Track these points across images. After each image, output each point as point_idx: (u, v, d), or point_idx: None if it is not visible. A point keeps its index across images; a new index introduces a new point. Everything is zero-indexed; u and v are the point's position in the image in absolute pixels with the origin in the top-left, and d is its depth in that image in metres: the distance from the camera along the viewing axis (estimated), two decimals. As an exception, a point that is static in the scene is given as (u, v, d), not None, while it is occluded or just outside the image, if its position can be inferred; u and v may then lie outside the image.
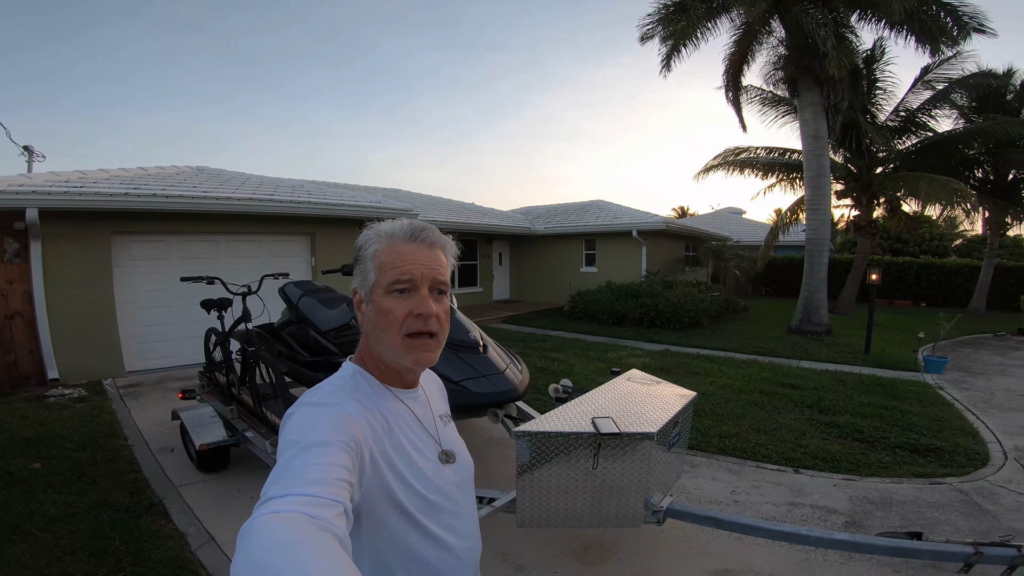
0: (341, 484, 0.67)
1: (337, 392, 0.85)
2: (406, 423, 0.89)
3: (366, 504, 0.78)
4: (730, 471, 3.95)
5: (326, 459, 0.69)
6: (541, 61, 70.09)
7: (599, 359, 7.89)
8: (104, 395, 6.03)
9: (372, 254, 0.87)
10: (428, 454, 0.90)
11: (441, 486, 0.89)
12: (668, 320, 10.88)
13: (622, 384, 2.88)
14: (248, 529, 0.55)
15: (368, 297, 0.87)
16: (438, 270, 0.88)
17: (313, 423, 0.76)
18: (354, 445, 0.75)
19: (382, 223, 0.92)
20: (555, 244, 15.72)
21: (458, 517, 0.92)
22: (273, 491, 0.62)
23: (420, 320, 0.85)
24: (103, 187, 6.57)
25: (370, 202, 8.95)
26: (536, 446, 2.06)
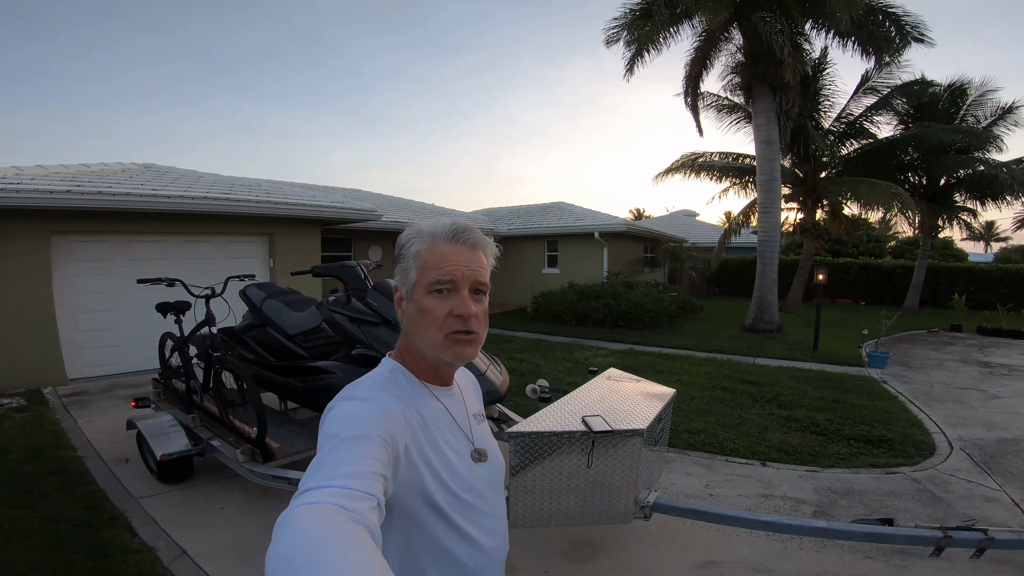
0: (376, 477, 0.68)
1: (376, 387, 0.86)
2: (442, 420, 0.91)
3: (399, 498, 0.79)
4: (702, 466, 4.07)
5: (363, 452, 0.70)
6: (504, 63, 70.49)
7: (565, 359, 7.97)
8: (46, 404, 5.62)
9: (414, 253, 0.88)
10: (462, 452, 0.91)
11: (474, 484, 0.90)
12: (630, 320, 11.10)
13: (603, 383, 2.92)
14: (283, 520, 0.57)
15: (410, 296, 0.88)
16: (479, 271, 0.89)
17: (352, 417, 0.77)
18: (390, 440, 0.76)
19: (423, 222, 0.92)
20: (518, 245, 15.79)
21: (489, 516, 0.93)
22: (310, 482, 0.64)
23: (460, 320, 0.86)
24: (41, 184, 6.12)
25: (331, 202, 8.72)
26: (528, 446, 2.06)
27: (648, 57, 10.83)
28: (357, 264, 3.84)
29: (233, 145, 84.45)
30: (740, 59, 10.97)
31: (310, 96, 79.91)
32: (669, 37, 10.69)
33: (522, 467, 2.07)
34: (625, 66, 11.12)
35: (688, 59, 11.44)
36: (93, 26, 37.70)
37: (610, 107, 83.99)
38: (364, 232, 11.88)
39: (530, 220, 16.12)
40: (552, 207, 17.42)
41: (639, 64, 10.98)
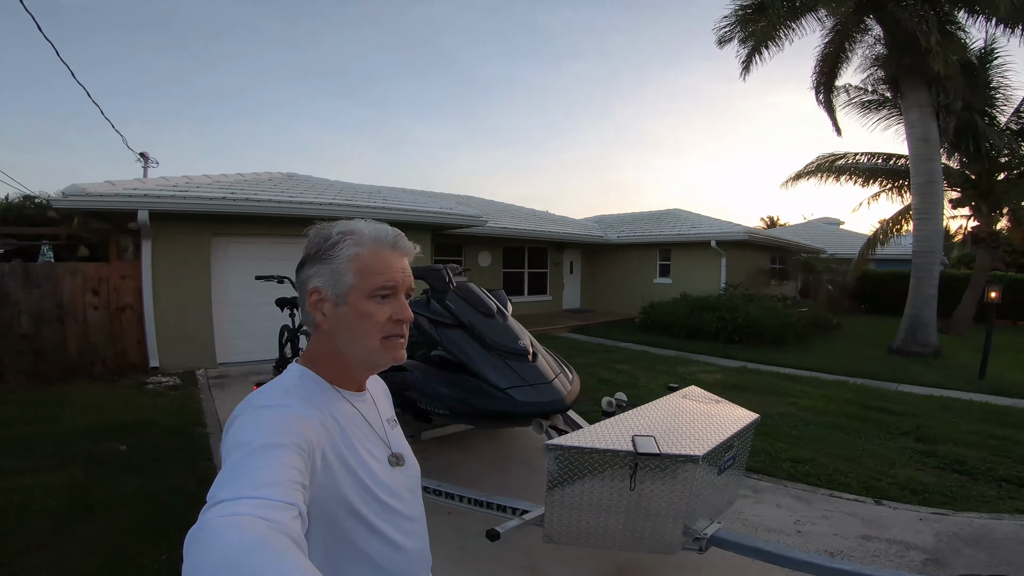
0: (295, 486, 0.65)
1: (287, 393, 0.83)
2: (357, 425, 0.89)
3: (317, 506, 0.76)
4: (799, 499, 3.59)
5: (278, 461, 0.67)
6: (616, 69, 69.16)
7: (668, 373, 7.52)
8: (195, 384, 6.57)
9: (350, 256, 0.86)
10: (379, 456, 0.90)
11: (393, 488, 0.89)
12: (748, 335, 10.20)
13: (676, 401, 2.68)
14: (199, 534, 0.53)
15: (343, 299, 0.86)
16: (411, 277, 0.92)
17: (263, 425, 0.74)
18: (306, 447, 0.73)
19: (354, 224, 0.91)
20: (628, 254, 15.31)
21: (410, 519, 0.92)
22: (223, 494, 0.60)
23: (399, 325, 0.88)
24: (204, 191, 7.20)
25: (441, 208, 9.16)
26: (568, 461, 1.94)
27: (767, 54, 9.90)
28: (444, 268, 3.97)
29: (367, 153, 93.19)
30: (881, 51, 9.59)
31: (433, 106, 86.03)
32: (791, 31, 9.67)
33: (560, 482, 1.96)
34: (741, 65, 10.28)
35: (818, 54, 10.27)
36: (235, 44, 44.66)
37: (733, 110, 78.25)
38: (473, 237, 12.31)
39: (642, 227, 15.55)
40: (666, 214, 16.64)
41: (756, 63, 10.08)
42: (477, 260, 13.18)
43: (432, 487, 2.60)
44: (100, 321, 7.11)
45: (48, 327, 6.81)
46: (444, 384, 3.15)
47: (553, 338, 10.93)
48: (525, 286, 14.64)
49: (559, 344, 9.99)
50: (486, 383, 3.07)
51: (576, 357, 8.51)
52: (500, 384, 3.03)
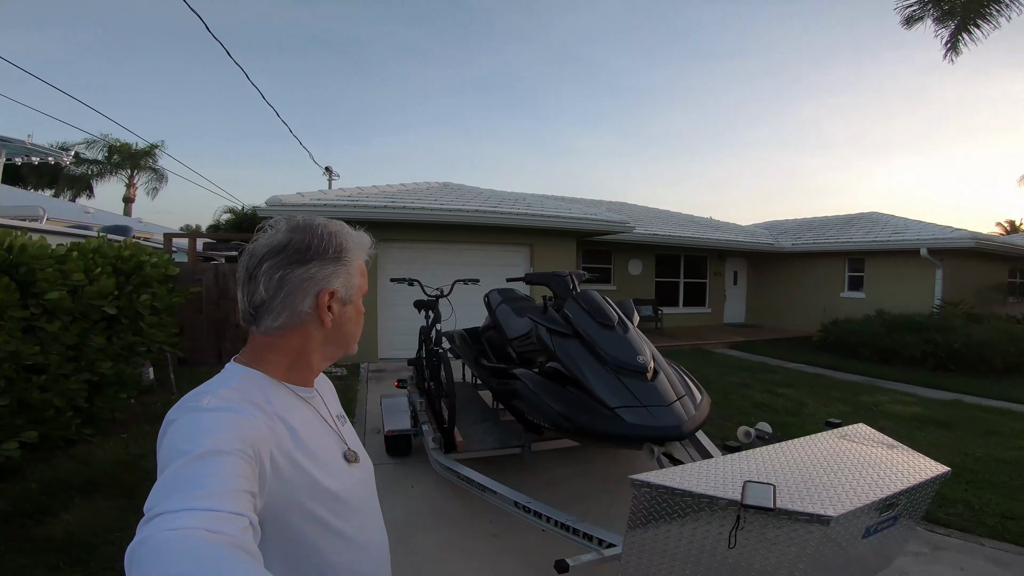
0: (243, 495, 0.61)
1: (229, 395, 0.76)
2: (310, 423, 0.85)
3: (271, 512, 0.72)
4: (995, 561, 2.77)
5: (224, 469, 0.62)
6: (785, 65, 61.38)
7: (846, 401, 6.28)
8: (357, 376, 7.30)
9: (359, 261, 0.90)
10: (333, 453, 0.88)
11: (350, 485, 0.87)
12: (968, 362, 8.14)
13: (830, 441, 2.10)
14: (144, 548, 0.49)
15: (348, 299, 0.88)
16: None
17: (204, 430, 0.68)
18: (253, 453, 0.68)
19: (350, 229, 0.92)
20: (807, 263, 13.34)
21: (368, 516, 0.91)
22: (163, 506, 0.54)
23: None
24: (370, 201, 8.04)
25: (585, 214, 8.95)
26: (654, 501, 1.60)
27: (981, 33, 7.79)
28: (569, 274, 3.79)
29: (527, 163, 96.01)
30: None
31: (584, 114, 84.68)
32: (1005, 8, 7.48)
33: (644, 522, 1.62)
34: (945, 45, 8.24)
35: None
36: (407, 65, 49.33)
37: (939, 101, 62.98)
38: (623, 245, 11.81)
39: (825, 234, 13.41)
40: (858, 218, 14.12)
41: (966, 42, 8.00)
42: (627, 268, 12.65)
43: (521, 502, 2.41)
44: (294, 314, 8.32)
45: (257, 318, 8.19)
46: (550, 397, 2.97)
47: (708, 353, 9.95)
48: (680, 297, 13.64)
49: (713, 361, 9.04)
50: (594, 400, 2.81)
51: (729, 376, 7.60)
52: (609, 402, 2.74)
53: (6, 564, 2.35)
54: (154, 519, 0.53)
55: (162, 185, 21.97)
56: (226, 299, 8.03)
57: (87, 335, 3.97)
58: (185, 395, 0.77)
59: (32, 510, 2.83)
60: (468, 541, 2.88)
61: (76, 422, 3.77)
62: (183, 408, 0.73)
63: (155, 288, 5.07)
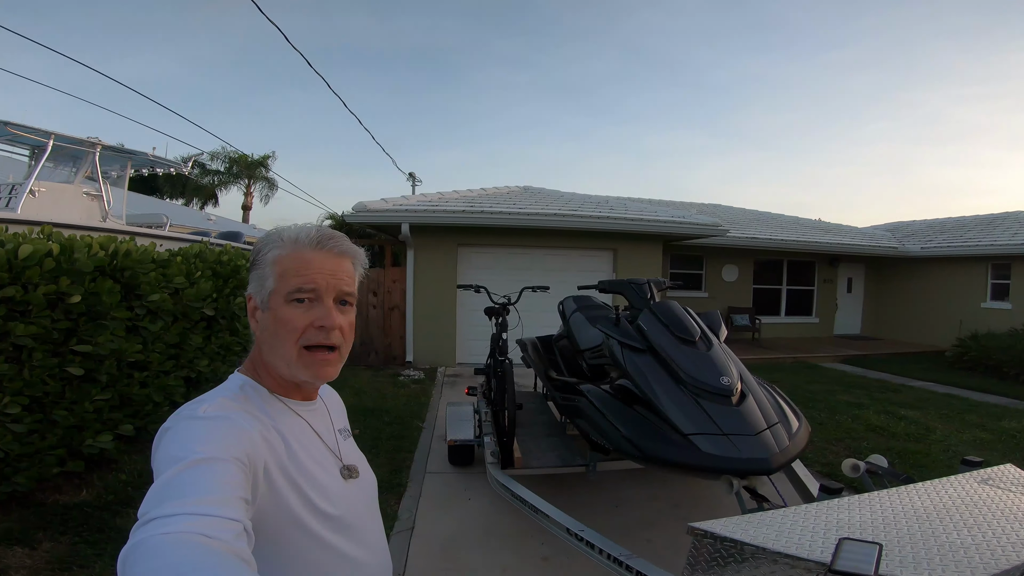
0: (237, 501, 0.61)
1: (226, 404, 0.77)
2: (305, 437, 0.84)
3: (265, 526, 0.71)
4: None
5: (218, 476, 0.62)
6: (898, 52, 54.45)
7: (984, 427, 5.30)
8: (434, 379, 7.37)
9: (273, 259, 0.82)
10: (330, 469, 0.85)
11: (346, 502, 0.84)
12: None
13: (967, 485, 1.66)
14: (135, 553, 0.49)
15: (265, 304, 0.81)
16: (345, 280, 0.84)
17: (199, 438, 0.67)
18: (247, 462, 0.68)
19: (283, 228, 0.86)
20: (939, 269, 11.69)
21: (367, 532, 0.88)
22: (157, 511, 0.54)
23: (322, 332, 0.80)
24: (449, 205, 8.13)
25: (672, 216, 8.43)
26: (718, 553, 1.31)
27: None
28: (647, 282, 3.51)
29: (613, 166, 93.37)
30: None
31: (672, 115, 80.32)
32: None
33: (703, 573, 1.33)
34: None
35: None
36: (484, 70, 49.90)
37: None
38: (717, 249, 11.02)
39: (962, 236, 11.67)
40: (1002, 218, 12.17)
41: None
42: (721, 274, 11.80)
43: (574, 530, 2.17)
44: (376, 318, 8.63)
45: (343, 320, 8.61)
46: (617, 418, 2.72)
47: (814, 368, 8.96)
48: (783, 305, 12.48)
49: (821, 376, 8.10)
50: (667, 424, 2.53)
51: (840, 394, 6.73)
52: (683, 428, 2.45)
53: (79, 552, 2.51)
54: (148, 523, 0.53)
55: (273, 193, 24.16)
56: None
57: (187, 335, 4.29)
58: (183, 404, 0.76)
59: (115, 501, 3.04)
60: (516, 561, 2.71)
61: (173, 417, 4.09)
62: (179, 417, 0.73)
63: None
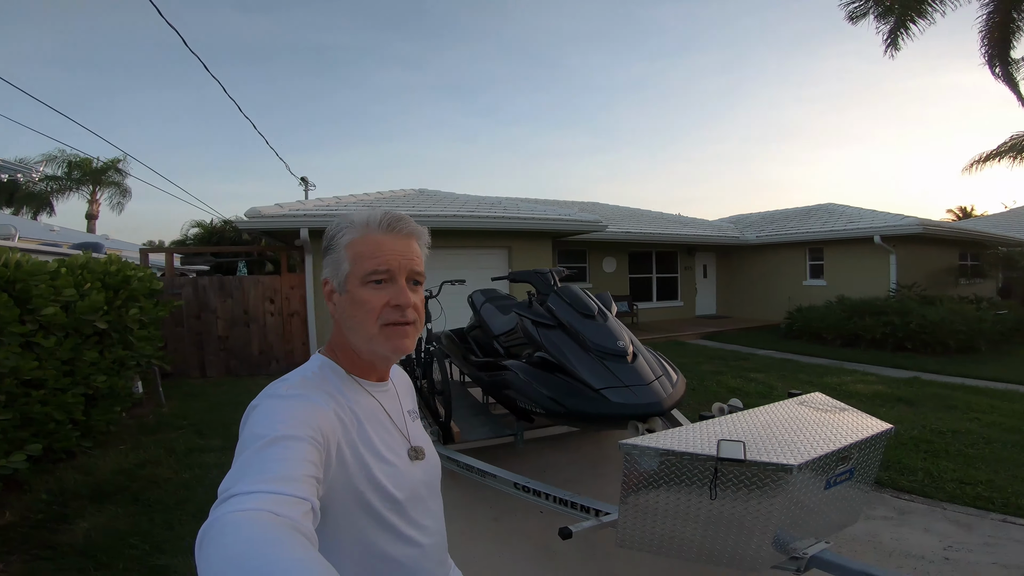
0: (309, 480, 0.65)
1: (305, 384, 0.82)
2: (376, 418, 0.88)
3: (329, 500, 0.76)
4: (957, 523, 3.03)
5: (294, 454, 0.66)
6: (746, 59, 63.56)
7: (812, 383, 6.69)
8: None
9: (347, 243, 0.86)
10: (398, 450, 0.89)
11: (410, 482, 0.87)
12: (923, 343, 8.69)
13: (791, 408, 2.39)
14: (212, 528, 0.53)
15: (342, 287, 0.86)
16: (415, 261, 0.87)
17: (279, 416, 0.73)
18: (322, 440, 0.73)
19: (353, 212, 0.91)
20: (771, 255, 13.94)
21: (425, 514, 0.90)
22: (237, 487, 0.59)
23: (398, 311, 0.84)
24: (347, 210, 8.13)
25: (559, 215, 9.23)
26: (643, 462, 1.84)
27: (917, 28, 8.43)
28: (549, 271, 4.03)
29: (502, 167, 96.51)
30: None
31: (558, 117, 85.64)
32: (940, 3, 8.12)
33: (635, 484, 1.86)
34: (884, 42, 8.87)
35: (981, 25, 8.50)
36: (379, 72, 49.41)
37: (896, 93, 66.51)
38: (597, 243, 12.16)
39: (787, 225, 14.05)
40: (817, 209, 14.84)
41: (905, 37, 8.62)
42: (602, 266, 12.99)
43: (520, 483, 2.63)
44: (275, 325, 8.36)
45: (238, 330, 8.20)
46: (541, 384, 3.18)
47: (682, 344, 10.35)
48: (654, 292, 14.06)
49: (688, 351, 9.43)
50: (581, 383, 3.04)
51: (704, 365, 7.97)
52: (594, 384, 2.98)
53: (38, 569, 2.45)
54: (226, 501, 0.57)
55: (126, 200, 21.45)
56: (207, 312, 8.04)
57: (80, 350, 4.03)
58: (271, 382, 0.82)
59: (46, 519, 2.92)
60: (470, 527, 3.06)
61: (76, 435, 3.84)
62: (264, 395, 0.78)
63: (142, 302, 5.12)
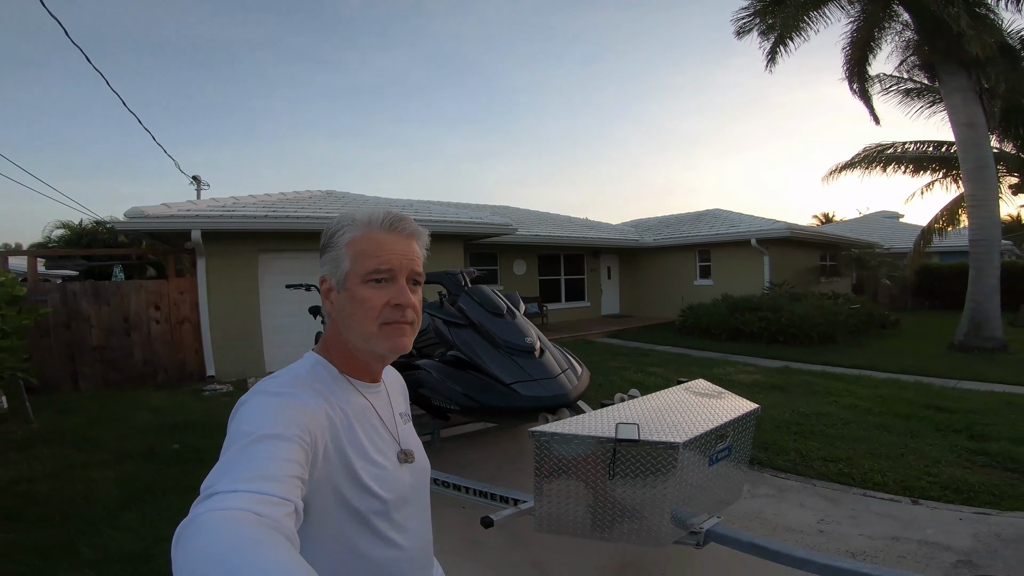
0: (293, 481, 0.64)
1: (296, 382, 0.81)
2: (366, 418, 0.87)
3: (314, 498, 0.75)
4: (827, 498, 3.49)
5: (280, 454, 0.65)
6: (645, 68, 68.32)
7: (704, 375, 7.33)
8: (245, 391, 6.97)
9: (347, 241, 0.85)
10: (387, 452, 0.88)
11: (397, 485, 0.87)
12: (793, 336, 9.85)
13: (678, 393, 2.70)
14: (191, 526, 0.52)
15: (342, 285, 0.85)
16: (415, 261, 0.87)
17: (267, 414, 0.72)
18: (309, 439, 0.72)
19: (354, 210, 0.90)
20: (667, 257, 15.07)
21: (410, 517, 0.90)
22: (219, 485, 0.59)
23: (398, 310, 0.84)
24: (248, 210, 7.70)
25: (471, 218, 9.37)
26: (552, 447, 2.01)
27: (793, 45, 9.64)
28: (460, 272, 4.13)
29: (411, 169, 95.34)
30: (912, 37, 9.22)
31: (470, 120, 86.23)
32: (815, 21, 9.38)
33: (546, 469, 2.03)
34: (765, 58, 10.00)
35: (845, 42, 9.89)
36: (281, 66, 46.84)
37: (776, 106, 75.30)
38: (508, 246, 12.45)
39: (680, 229, 15.28)
40: (705, 215, 16.28)
41: (784, 54, 9.81)
42: (512, 269, 13.32)
43: (440, 479, 2.72)
44: (162, 333, 7.69)
45: (117, 339, 7.44)
46: (454, 381, 3.28)
47: (589, 343, 10.89)
48: (562, 293, 14.64)
49: (595, 349, 9.95)
50: (492, 379, 3.18)
51: (609, 361, 8.48)
52: (505, 379, 3.13)
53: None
54: (208, 499, 0.56)
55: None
56: (79, 320, 7.23)
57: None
58: (263, 378, 0.81)
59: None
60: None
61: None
62: (254, 391, 0.77)
63: (2, 310, 4.55)
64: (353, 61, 52.03)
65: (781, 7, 9.27)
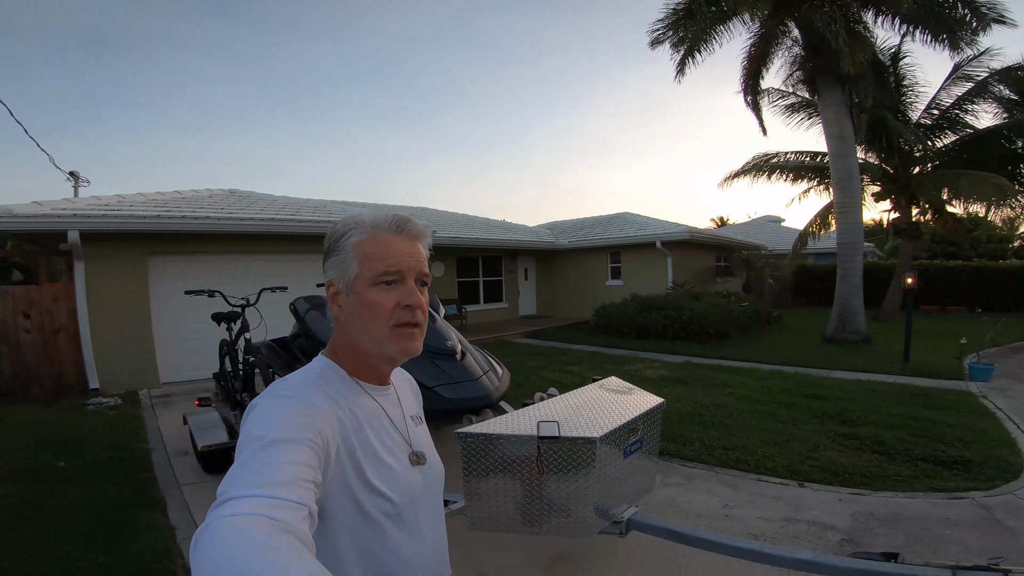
0: (306, 485, 0.64)
1: (307, 385, 0.82)
2: (377, 421, 0.88)
3: (328, 501, 0.76)
4: (728, 484, 3.83)
5: (291, 457, 0.65)
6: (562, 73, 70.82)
7: (616, 371, 7.74)
8: (138, 404, 6.40)
9: (353, 244, 0.85)
10: (398, 454, 0.88)
11: (408, 487, 0.87)
12: (693, 332, 10.63)
13: (592, 391, 2.87)
14: (207, 533, 0.52)
15: (349, 289, 0.85)
16: (422, 262, 0.88)
17: (279, 417, 0.72)
18: (321, 443, 0.72)
19: (359, 213, 0.89)
20: (581, 258, 15.66)
21: (424, 519, 0.90)
22: (233, 491, 0.59)
23: (409, 311, 0.84)
24: (138, 210, 7.03)
25: (389, 219, 9.20)
26: (478, 448, 2.08)
27: (700, 57, 10.49)
28: None
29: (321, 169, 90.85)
30: (799, 52, 10.39)
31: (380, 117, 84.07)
32: (720, 35, 10.29)
33: (474, 469, 2.09)
34: (675, 68, 10.82)
35: (744, 56, 10.92)
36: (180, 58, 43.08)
37: (684, 113, 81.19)
38: (426, 247, 12.34)
39: (593, 232, 15.94)
40: (616, 218, 17.13)
41: (692, 65, 10.65)
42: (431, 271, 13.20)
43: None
44: (34, 343, 6.83)
45: (-24, 353, 6.50)
46: None
47: (508, 344, 11.08)
48: (481, 295, 14.75)
49: (514, 349, 10.14)
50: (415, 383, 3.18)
51: (528, 361, 8.69)
52: (428, 383, 3.15)
53: None
54: (222, 504, 0.56)
55: None
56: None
57: None
58: (271, 383, 0.81)
59: None
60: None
61: None
62: (265, 395, 0.77)
63: None
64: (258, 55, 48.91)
65: (692, 20, 10.01)
